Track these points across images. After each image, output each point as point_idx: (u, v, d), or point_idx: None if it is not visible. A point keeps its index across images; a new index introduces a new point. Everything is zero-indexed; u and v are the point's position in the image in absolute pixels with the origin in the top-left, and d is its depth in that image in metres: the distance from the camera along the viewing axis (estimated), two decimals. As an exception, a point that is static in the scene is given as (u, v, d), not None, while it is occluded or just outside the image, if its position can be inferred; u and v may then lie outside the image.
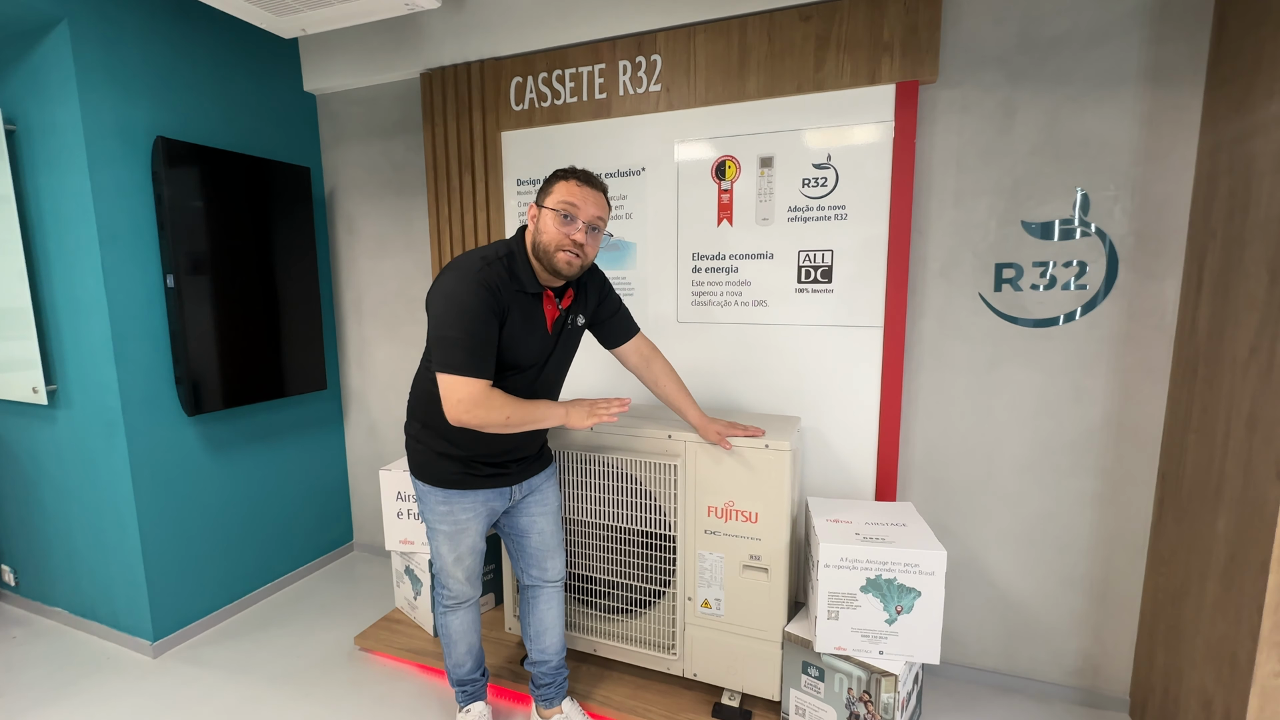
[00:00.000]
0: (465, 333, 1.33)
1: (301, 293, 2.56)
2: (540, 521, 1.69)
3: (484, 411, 1.36)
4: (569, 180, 1.42)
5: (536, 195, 1.46)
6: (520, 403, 1.41)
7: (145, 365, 2.10)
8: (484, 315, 1.34)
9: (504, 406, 1.38)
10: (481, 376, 1.35)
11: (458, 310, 1.34)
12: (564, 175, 1.44)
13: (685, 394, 1.73)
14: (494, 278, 1.37)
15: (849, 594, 1.54)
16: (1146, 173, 1.66)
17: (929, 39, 1.71)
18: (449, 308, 1.35)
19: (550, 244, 1.40)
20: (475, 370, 1.34)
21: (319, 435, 2.82)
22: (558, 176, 1.44)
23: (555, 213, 1.39)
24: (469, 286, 1.35)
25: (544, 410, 1.46)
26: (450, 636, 1.72)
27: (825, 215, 1.88)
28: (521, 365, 1.46)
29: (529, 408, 1.42)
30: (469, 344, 1.33)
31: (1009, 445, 1.88)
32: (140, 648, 2.20)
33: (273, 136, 2.52)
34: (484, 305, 1.34)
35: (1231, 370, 1.41)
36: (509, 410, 1.38)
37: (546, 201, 1.42)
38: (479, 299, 1.34)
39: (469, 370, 1.34)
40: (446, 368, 1.34)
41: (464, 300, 1.34)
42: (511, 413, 1.39)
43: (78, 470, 2.20)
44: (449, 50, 2.28)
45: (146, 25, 2.06)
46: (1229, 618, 1.38)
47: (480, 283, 1.35)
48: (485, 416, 1.36)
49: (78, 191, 1.97)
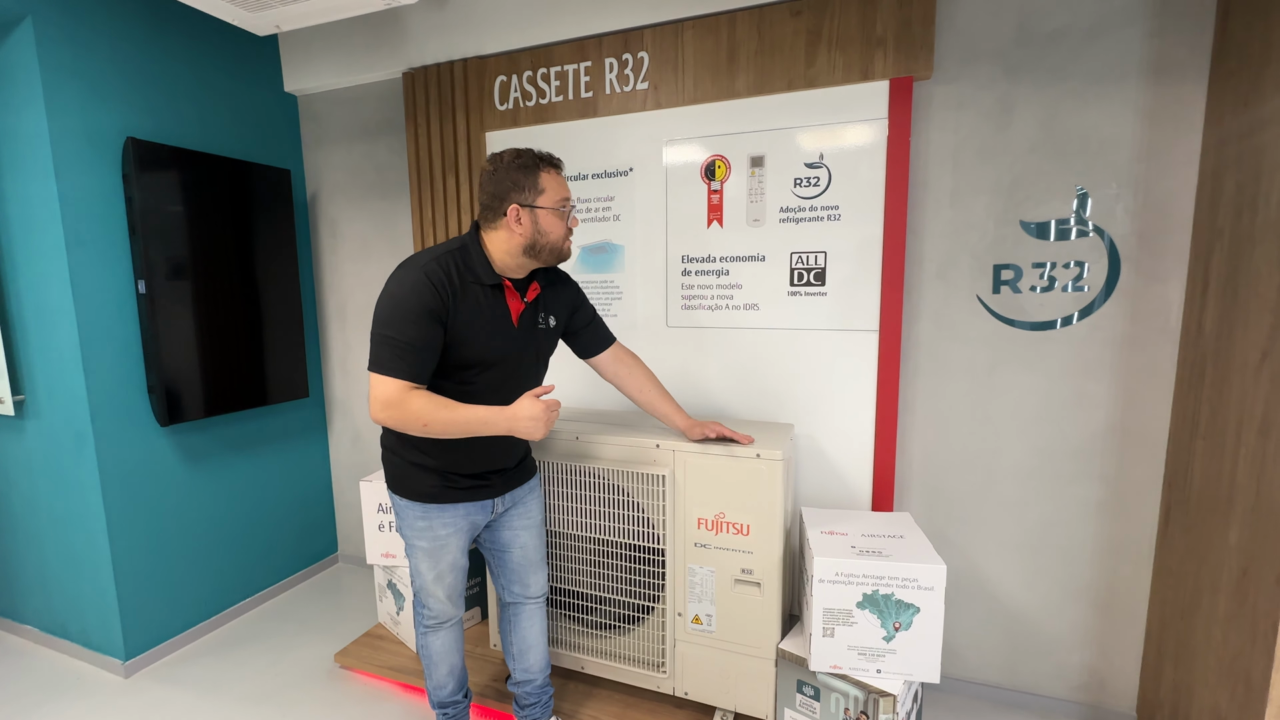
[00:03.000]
0: (395, 331, 1.28)
1: (282, 298, 2.49)
2: (523, 535, 1.62)
3: (398, 412, 1.29)
4: (550, 171, 1.38)
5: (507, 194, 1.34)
6: (447, 407, 1.31)
7: (115, 374, 2.03)
8: (418, 314, 1.29)
9: (423, 410, 1.29)
10: (402, 377, 1.29)
11: (391, 308, 1.30)
12: (541, 167, 1.37)
13: (669, 399, 1.68)
14: (441, 273, 1.32)
15: (845, 610, 1.48)
16: (1149, 170, 1.61)
17: (923, 34, 1.65)
18: (389, 306, 1.31)
19: (558, 239, 1.40)
20: (397, 370, 1.28)
21: (301, 444, 2.75)
22: (532, 168, 1.36)
23: (556, 211, 1.37)
24: (409, 283, 1.30)
25: (479, 416, 1.33)
26: (431, 657, 1.64)
27: (818, 216, 1.82)
28: (487, 361, 1.40)
29: (458, 412, 1.31)
30: (396, 343, 1.28)
31: (1009, 452, 1.82)
32: (111, 667, 2.12)
33: (252, 138, 2.45)
34: (422, 305, 1.29)
35: (1242, 374, 1.35)
36: (429, 415, 1.29)
37: (542, 202, 1.36)
38: (417, 296, 1.29)
39: (390, 369, 1.28)
40: (375, 365, 1.30)
41: (400, 297, 1.29)
42: (431, 418, 1.30)
43: (47, 483, 2.13)
44: (432, 49, 2.23)
45: (116, 23, 1.99)
46: (1243, 634, 1.31)
47: (423, 280, 1.30)
48: (400, 417, 1.29)
49: (43, 195, 1.90)
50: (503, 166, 1.37)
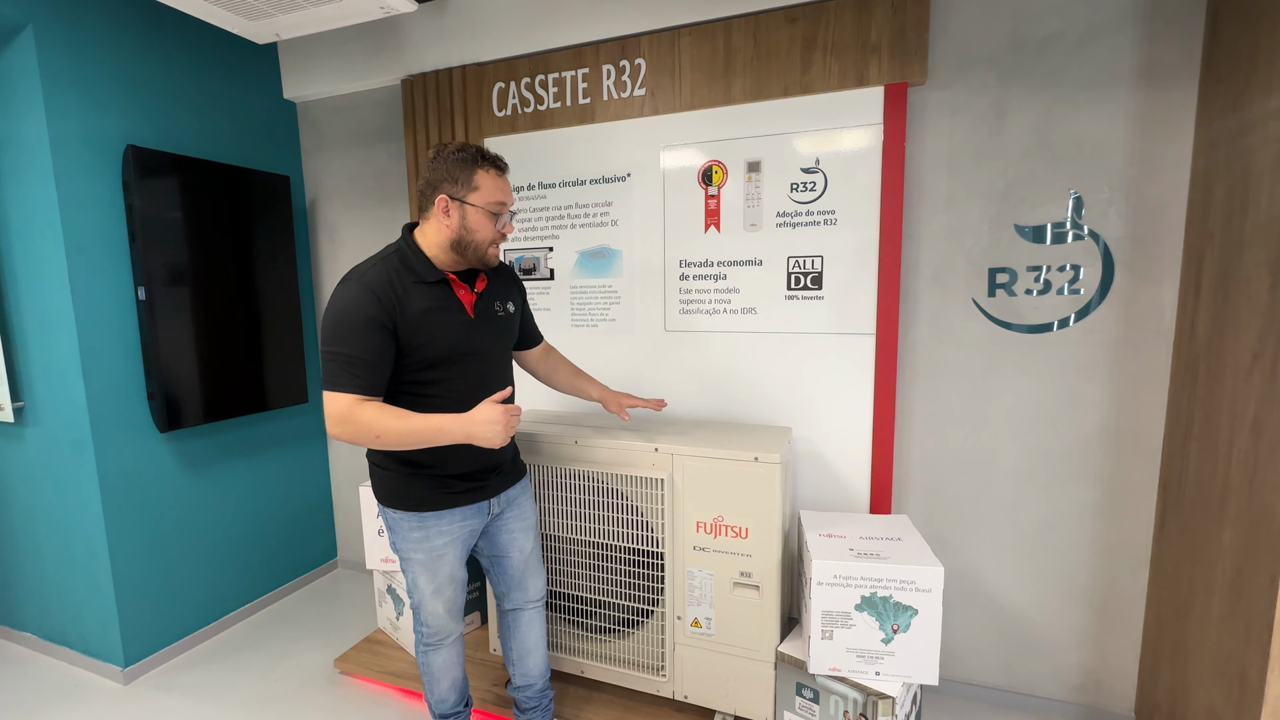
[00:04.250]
0: (340, 346, 1.27)
1: (282, 303, 2.50)
2: (520, 538, 1.61)
3: (350, 426, 1.26)
4: (489, 172, 1.34)
5: (439, 184, 1.33)
6: (400, 416, 1.27)
7: (115, 380, 2.03)
8: (365, 327, 1.27)
9: (374, 421, 1.25)
10: (351, 391, 1.27)
11: (334, 323, 1.28)
12: (482, 164, 1.34)
13: (582, 374, 1.77)
14: (381, 279, 1.30)
15: (843, 613, 1.48)
16: (1141, 174, 1.63)
17: (917, 40, 1.67)
18: (331, 321, 1.29)
19: (484, 241, 1.36)
20: (345, 384, 1.27)
21: (301, 450, 2.75)
22: (472, 165, 1.33)
23: (486, 212, 1.34)
24: (351, 296, 1.28)
25: (433, 424, 1.28)
26: (432, 674, 1.61)
27: (815, 220, 1.84)
28: (454, 357, 1.38)
29: (410, 421, 1.27)
30: (342, 356, 1.26)
31: (1006, 454, 1.83)
32: (110, 674, 2.12)
33: (251, 145, 2.46)
34: (365, 316, 1.27)
35: (1234, 376, 1.36)
36: (380, 425, 1.26)
37: (473, 199, 1.33)
38: (360, 310, 1.27)
39: (339, 384, 1.27)
40: (326, 382, 1.28)
41: (342, 312, 1.28)
42: (384, 429, 1.26)
43: (46, 490, 2.13)
44: (430, 56, 2.24)
45: (116, 31, 2.00)
46: (1237, 634, 1.32)
47: (361, 291, 1.28)
48: (352, 431, 1.26)
49: (44, 202, 1.90)
50: (442, 156, 1.34)
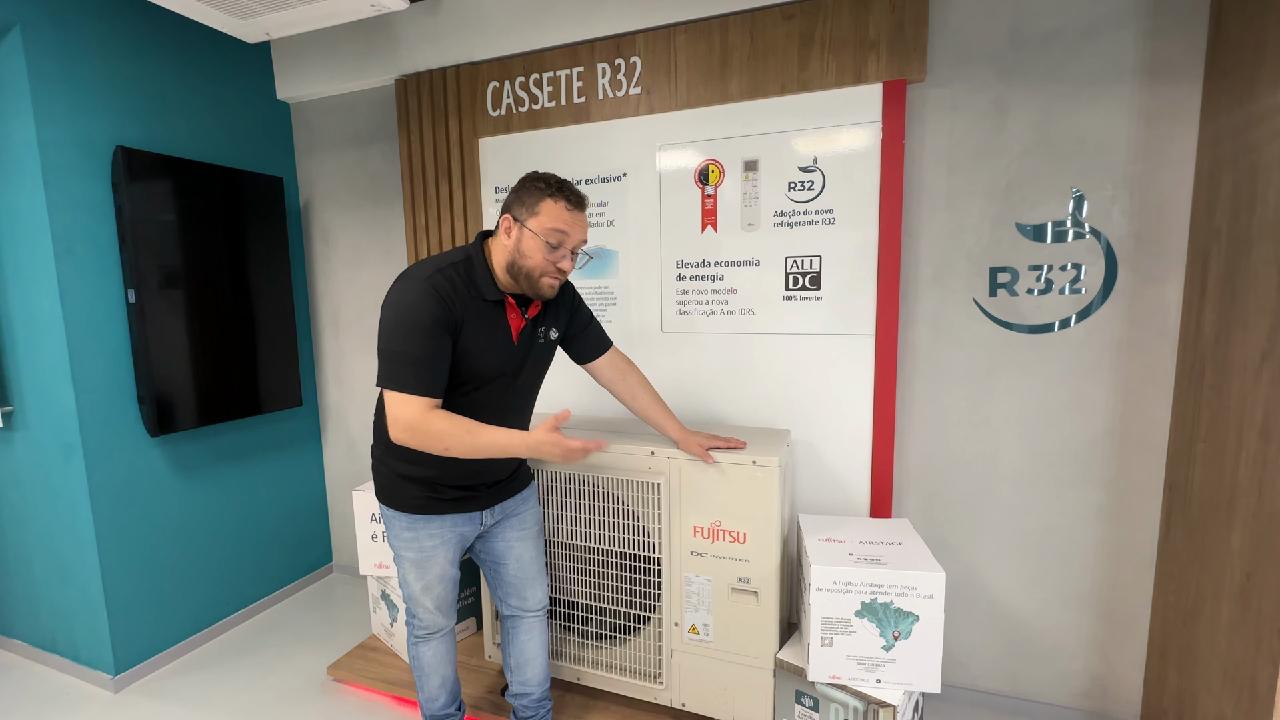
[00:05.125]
0: (406, 345, 1.24)
1: (275, 306, 2.47)
2: (518, 547, 1.59)
3: (421, 435, 1.24)
4: (558, 202, 1.31)
5: (511, 204, 1.35)
6: (469, 429, 1.26)
7: (105, 384, 2.01)
8: (431, 327, 1.25)
9: (445, 433, 1.24)
10: (425, 394, 1.25)
11: (398, 320, 1.26)
12: (551, 193, 1.32)
13: (663, 407, 1.65)
14: (446, 285, 1.29)
15: (843, 619, 1.45)
16: (1145, 171, 1.60)
17: (916, 36, 1.65)
18: (395, 319, 1.27)
19: (535, 270, 1.32)
20: (416, 387, 1.24)
21: (295, 454, 2.72)
22: (543, 193, 1.32)
23: (540, 239, 1.30)
24: (417, 296, 1.26)
25: (500, 440, 1.27)
26: (422, 668, 1.61)
27: (813, 220, 1.81)
28: (486, 376, 1.37)
29: (480, 436, 1.26)
30: (409, 356, 1.24)
31: (1008, 456, 1.80)
32: (101, 681, 2.09)
33: (244, 146, 2.44)
34: (431, 316, 1.25)
35: (1242, 377, 1.34)
36: (451, 439, 1.24)
37: (531, 224, 1.31)
38: (427, 310, 1.25)
39: (408, 386, 1.24)
40: (390, 383, 1.25)
41: (411, 311, 1.25)
42: (455, 442, 1.24)
43: (35, 495, 2.10)
44: (424, 56, 2.22)
45: (106, 31, 1.98)
46: (1246, 641, 1.29)
47: (428, 291, 1.26)
48: (422, 440, 1.25)
49: (32, 204, 1.88)
50: (527, 179, 1.35)
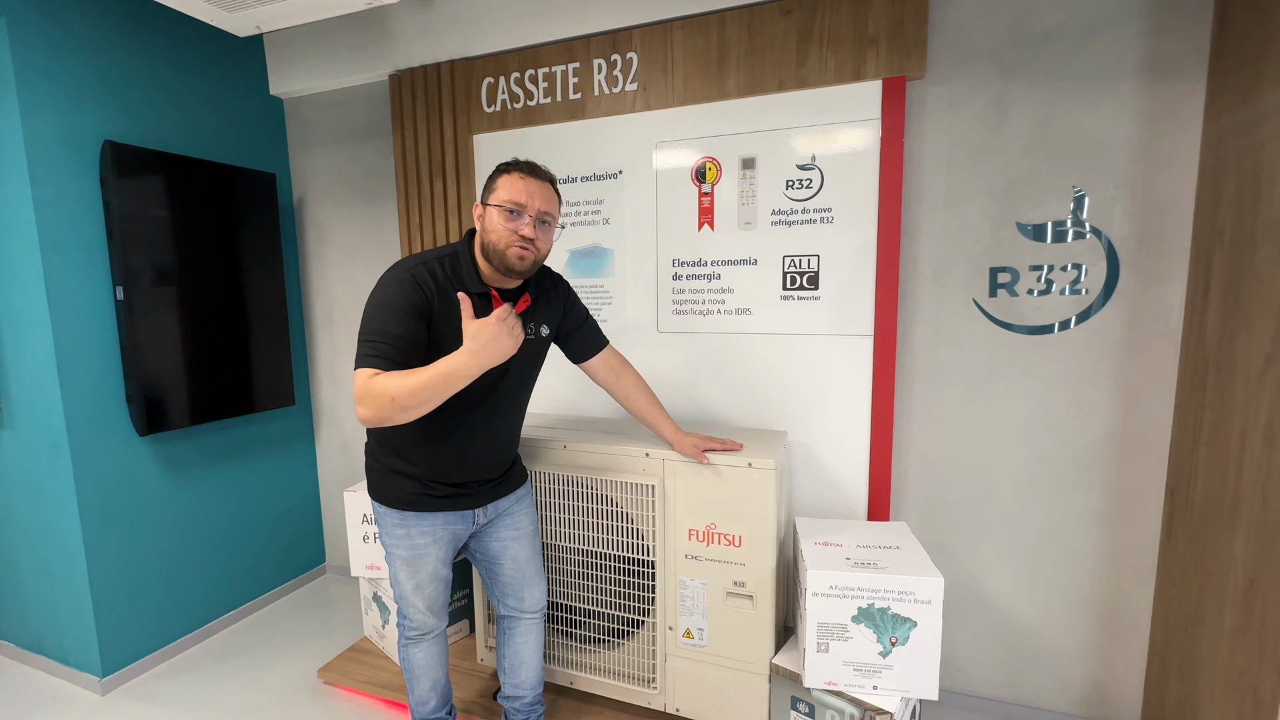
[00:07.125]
0: (376, 329, 1.24)
1: (268, 304, 2.44)
2: (513, 547, 1.56)
3: (369, 401, 1.17)
4: (512, 173, 1.34)
5: (481, 193, 1.38)
6: (410, 374, 1.19)
7: (92, 382, 1.98)
8: (402, 312, 1.25)
9: (387, 386, 1.17)
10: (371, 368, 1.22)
11: (374, 308, 1.27)
12: (506, 169, 1.35)
13: (658, 408, 1.63)
14: (427, 276, 1.30)
15: (839, 625, 1.43)
16: (1147, 171, 1.57)
17: (916, 33, 1.62)
18: (369, 307, 1.28)
19: (499, 242, 1.31)
20: (366, 364, 1.22)
21: (288, 453, 2.69)
22: (500, 170, 1.36)
23: (501, 209, 1.31)
24: (394, 283, 1.28)
25: (441, 370, 1.19)
26: (413, 670, 1.59)
27: (811, 219, 1.79)
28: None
29: (417, 376, 1.18)
30: (376, 339, 1.23)
31: (1008, 459, 1.78)
32: (88, 684, 2.06)
33: (236, 142, 2.41)
34: (406, 301, 1.26)
35: (1245, 380, 1.31)
36: (393, 388, 1.17)
37: (491, 199, 1.33)
38: (402, 295, 1.26)
39: (362, 364, 1.23)
40: (356, 364, 1.24)
41: (386, 296, 1.27)
42: (397, 390, 1.17)
43: (21, 494, 2.07)
44: (418, 51, 2.19)
45: (93, 24, 1.95)
46: (1250, 648, 1.27)
47: (407, 280, 1.28)
48: (374, 405, 1.17)
49: (18, 199, 1.85)
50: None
